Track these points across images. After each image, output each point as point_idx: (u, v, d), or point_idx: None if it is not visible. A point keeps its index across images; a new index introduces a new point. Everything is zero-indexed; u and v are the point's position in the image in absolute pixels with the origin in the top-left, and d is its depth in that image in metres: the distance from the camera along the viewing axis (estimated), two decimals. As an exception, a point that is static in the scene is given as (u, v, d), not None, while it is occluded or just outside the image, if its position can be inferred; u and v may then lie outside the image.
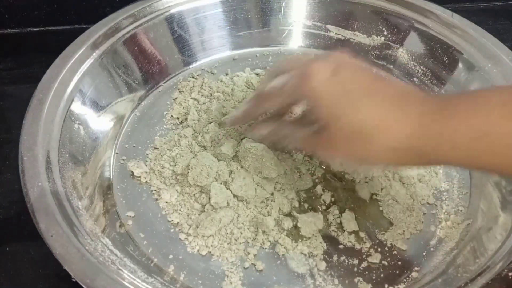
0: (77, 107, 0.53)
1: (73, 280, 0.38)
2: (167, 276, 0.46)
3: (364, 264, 0.48)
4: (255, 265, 0.47)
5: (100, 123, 0.56)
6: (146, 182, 0.53)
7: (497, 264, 0.42)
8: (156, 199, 0.52)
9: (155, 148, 0.56)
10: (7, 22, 0.73)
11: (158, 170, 0.54)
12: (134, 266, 0.43)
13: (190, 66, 0.67)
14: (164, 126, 0.59)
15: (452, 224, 0.51)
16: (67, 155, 0.48)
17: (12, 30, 0.74)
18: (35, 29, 0.75)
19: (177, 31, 0.65)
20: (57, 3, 0.73)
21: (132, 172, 0.54)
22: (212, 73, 0.66)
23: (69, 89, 0.52)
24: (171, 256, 0.47)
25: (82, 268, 0.39)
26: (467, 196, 0.54)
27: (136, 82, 0.62)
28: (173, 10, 0.65)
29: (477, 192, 0.54)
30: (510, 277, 0.41)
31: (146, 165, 0.55)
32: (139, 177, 0.53)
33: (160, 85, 0.64)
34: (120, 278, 0.40)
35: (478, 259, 0.45)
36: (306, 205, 0.52)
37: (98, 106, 0.56)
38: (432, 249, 0.50)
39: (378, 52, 0.68)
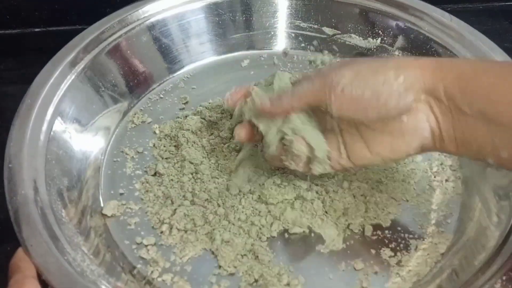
0: (64, 118, 0.53)
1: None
2: (151, 284, 0.46)
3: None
4: None
5: (87, 136, 0.55)
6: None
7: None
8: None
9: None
10: (8, 23, 0.74)
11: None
12: (115, 275, 0.44)
13: (175, 74, 0.66)
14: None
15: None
16: (53, 162, 0.49)
17: (13, 31, 0.75)
18: (36, 30, 0.76)
19: (160, 38, 0.65)
20: (57, 4, 0.74)
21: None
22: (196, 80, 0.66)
23: (56, 99, 0.53)
24: (157, 266, 0.47)
25: (60, 278, 0.39)
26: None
27: (121, 92, 0.61)
28: (155, 18, 0.64)
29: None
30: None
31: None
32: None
33: (146, 95, 0.63)
34: (97, 288, 0.40)
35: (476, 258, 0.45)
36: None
37: (84, 119, 0.56)
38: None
39: (374, 55, 0.67)
